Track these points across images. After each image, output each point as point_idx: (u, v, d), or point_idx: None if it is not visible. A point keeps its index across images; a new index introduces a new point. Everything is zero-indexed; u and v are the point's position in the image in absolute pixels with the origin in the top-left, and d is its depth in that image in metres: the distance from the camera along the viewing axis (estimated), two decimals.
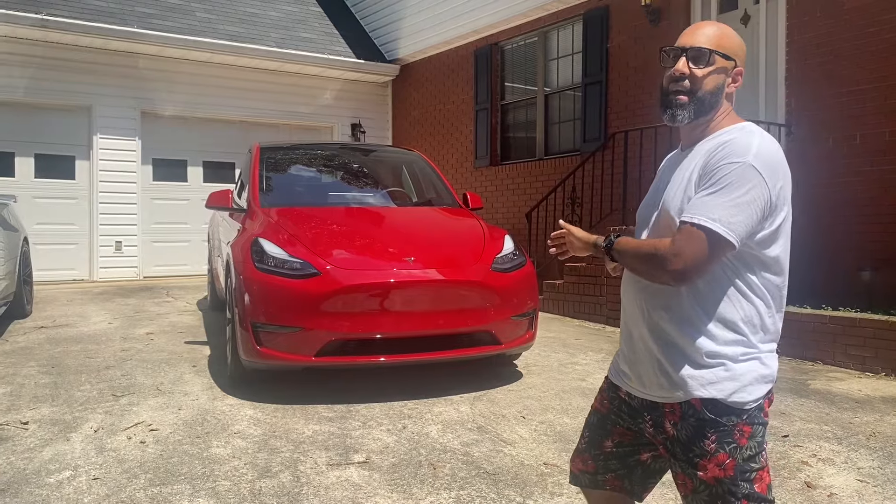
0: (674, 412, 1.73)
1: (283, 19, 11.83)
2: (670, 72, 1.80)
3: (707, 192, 1.64)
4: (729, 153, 1.65)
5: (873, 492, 3.21)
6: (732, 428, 1.67)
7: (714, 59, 1.75)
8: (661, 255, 1.64)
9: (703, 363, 1.69)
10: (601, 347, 6.12)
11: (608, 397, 1.96)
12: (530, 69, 9.92)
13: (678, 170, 1.79)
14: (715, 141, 1.73)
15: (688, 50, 1.77)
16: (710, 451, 1.67)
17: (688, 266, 1.61)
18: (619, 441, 1.91)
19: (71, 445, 3.61)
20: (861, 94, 6.20)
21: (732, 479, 1.66)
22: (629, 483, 1.93)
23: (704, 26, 1.81)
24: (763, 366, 1.71)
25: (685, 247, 1.61)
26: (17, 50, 9.48)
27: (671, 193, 1.76)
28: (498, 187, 10.18)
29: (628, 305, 1.88)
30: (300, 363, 4.43)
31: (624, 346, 1.91)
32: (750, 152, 1.64)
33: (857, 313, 5.54)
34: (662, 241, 1.67)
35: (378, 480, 3.24)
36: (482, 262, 4.79)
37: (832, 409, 4.38)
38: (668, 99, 1.80)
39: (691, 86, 1.76)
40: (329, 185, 6.44)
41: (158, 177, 10.75)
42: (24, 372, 4.99)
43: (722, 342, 1.69)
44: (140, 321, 6.94)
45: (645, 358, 1.79)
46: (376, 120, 12.43)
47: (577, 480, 2.04)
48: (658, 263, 1.65)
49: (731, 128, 1.75)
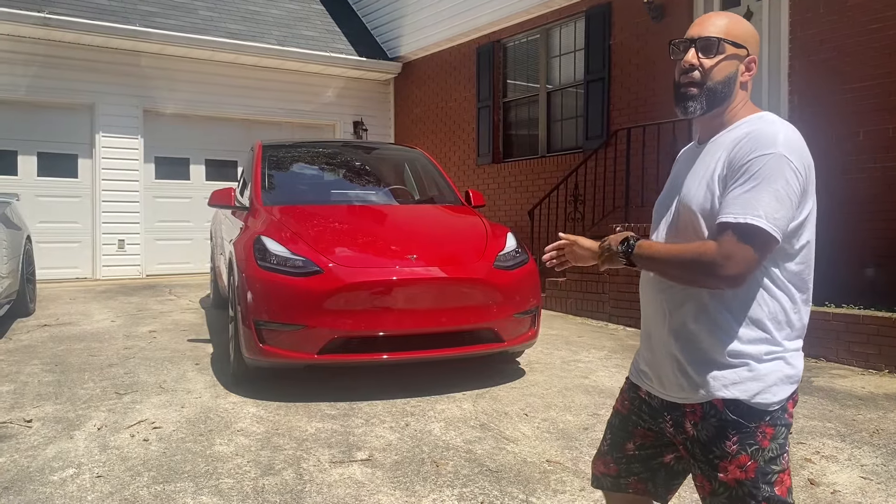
0: (694, 412, 1.70)
1: (284, 17, 11.82)
2: (680, 64, 1.76)
3: (744, 188, 1.57)
4: (756, 145, 1.60)
5: (876, 489, 3.20)
6: (755, 429, 1.63)
7: (724, 48, 1.71)
8: (708, 261, 1.56)
9: (726, 363, 1.65)
10: (604, 345, 6.12)
11: (629, 398, 1.92)
12: (533, 66, 9.90)
13: (697, 163, 1.75)
14: (735, 132, 1.69)
15: (696, 41, 1.73)
16: (732, 453, 1.63)
17: (741, 269, 1.55)
18: (640, 443, 1.87)
19: (74, 443, 3.62)
20: (864, 91, 6.18)
21: (753, 481, 1.62)
22: (653, 486, 1.89)
23: (713, 16, 1.77)
24: (788, 365, 1.67)
25: (736, 249, 1.54)
26: (20, 48, 9.49)
27: (691, 188, 1.71)
28: (500, 185, 10.17)
29: (648, 306, 1.83)
30: (303, 361, 4.43)
31: (643, 347, 1.87)
32: (778, 142, 1.59)
33: (861, 310, 5.52)
34: (705, 244, 1.59)
35: (381, 478, 3.24)
36: (485, 260, 4.78)
37: (835, 407, 4.37)
38: (680, 92, 1.76)
39: (701, 77, 1.72)
40: (331, 183, 6.44)
41: (161, 175, 10.76)
42: (27, 370, 5.00)
43: (746, 341, 1.65)
44: (143, 319, 6.95)
45: (665, 359, 1.76)
46: (378, 117, 12.42)
47: (600, 483, 1.99)
48: (706, 270, 1.57)
49: (749, 118, 1.71)
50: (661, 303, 1.76)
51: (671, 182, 1.88)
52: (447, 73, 11.17)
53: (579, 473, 3.32)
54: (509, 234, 5.20)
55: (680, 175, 1.81)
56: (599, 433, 3.85)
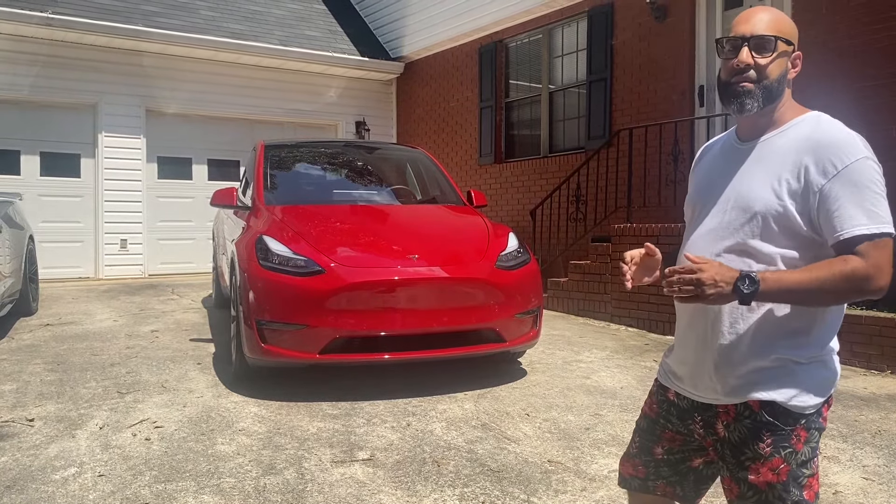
0: (727, 412, 1.68)
1: (287, 17, 11.83)
2: (732, 63, 1.69)
3: (856, 198, 1.56)
4: (844, 151, 1.59)
5: (878, 489, 3.20)
6: (790, 432, 1.61)
7: (778, 46, 1.67)
8: (861, 276, 1.54)
9: (765, 365, 1.64)
10: (605, 345, 6.11)
11: (657, 401, 1.90)
12: (535, 66, 9.90)
13: (755, 163, 1.70)
14: (799, 132, 1.67)
15: (750, 39, 1.67)
16: (765, 455, 1.61)
17: (889, 278, 1.56)
18: (668, 447, 1.85)
19: (76, 442, 3.62)
20: (868, 92, 6.17)
21: (785, 484, 1.60)
22: (681, 489, 1.88)
23: (759, 12, 1.71)
24: (826, 368, 1.65)
25: (883, 260, 1.55)
26: (23, 48, 9.50)
27: (755, 187, 1.66)
28: (502, 185, 10.17)
29: (688, 310, 1.77)
30: (304, 360, 4.44)
31: (678, 347, 1.84)
32: (858, 144, 1.61)
33: (862, 311, 5.51)
34: (847, 261, 1.55)
35: (382, 477, 3.25)
36: (486, 260, 4.79)
37: (837, 407, 4.36)
38: (733, 89, 1.69)
39: (757, 76, 1.66)
40: (333, 183, 6.44)
41: (163, 175, 10.77)
42: (29, 369, 5.01)
43: (786, 343, 1.63)
44: (145, 319, 6.96)
45: (702, 362, 1.72)
46: (381, 117, 12.43)
47: (627, 484, 1.97)
48: (860, 286, 1.55)
49: (804, 118, 1.70)
50: (707, 309, 1.70)
51: (708, 181, 1.81)
52: (449, 73, 11.17)
53: (581, 473, 3.32)
54: (511, 234, 5.20)
55: (725, 173, 1.76)
56: (601, 433, 3.86)
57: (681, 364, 1.82)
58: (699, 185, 1.86)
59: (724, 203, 1.72)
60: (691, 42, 7.64)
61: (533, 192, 9.53)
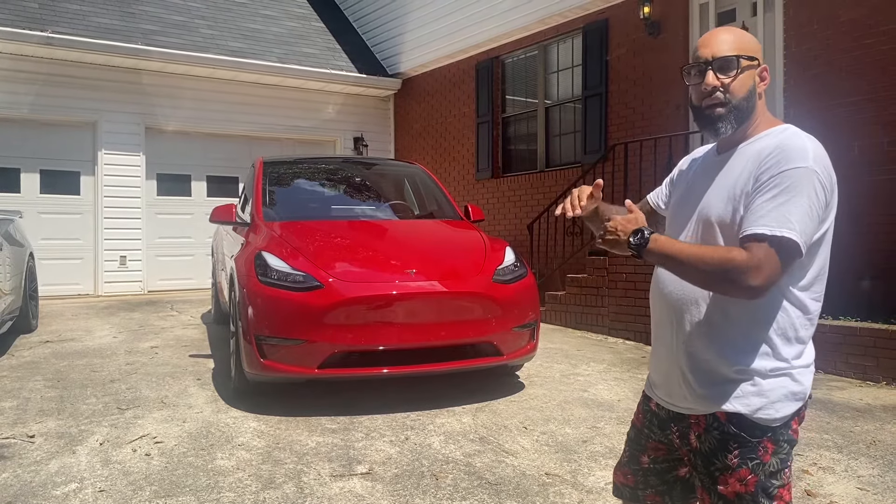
0: (699, 423, 1.71)
1: (285, 35, 11.93)
2: (700, 87, 1.73)
3: (777, 201, 1.56)
4: (787, 157, 1.59)
5: (873, 500, 3.22)
6: (757, 444, 1.63)
7: (740, 64, 1.70)
8: (736, 267, 1.53)
9: (730, 377, 1.65)
10: (603, 358, 6.14)
11: (642, 410, 1.93)
12: (531, 82, 9.99)
13: (720, 175, 1.73)
14: (760, 144, 1.69)
15: (713, 61, 1.71)
16: (733, 466, 1.63)
17: (766, 281, 1.53)
18: (654, 457, 1.88)
19: (77, 458, 3.64)
20: (858, 105, 6.24)
21: (753, 495, 1.62)
22: (669, 499, 1.90)
23: (718, 33, 1.75)
24: (794, 382, 1.65)
25: (767, 260, 1.53)
26: (23, 67, 9.58)
27: (713, 199, 1.71)
28: (499, 199, 10.23)
29: (657, 316, 1.83)
30: (303, 375, 4.46)
31: (653, 357, 1.88)
32: (808, 156, 1.59)
33: (858, 322, 5.55)
34: (734, 250, 1.56)
35: (381, 491, 3.27)
36: (483, 274, 4.82)
37: (833, 418, 4.39)
38: (705, 115, 1.73)
39: (725, 97, 1.70)
40: (331, 199, 6.49)
41: (163, 191, 10.82)
42: (30, 386, 5.03)
43: (751, 355, 1.64)
44: (145, 335, 6.98)
45: (673, 370, 1.76)
46: (379, 133, 12.50)
47: (620, 493, 2.01)
48: (732, 276, 1.54)
49: (772, 130, 1.72)
50: (670, 313, 1.76)
51: (687, 191, 1.85)
52: (447, 89, 11.26)
53: (578, 486, 3.35)
54: (508, 249, 5.24)
55: (699, 185, 1.80)
56: (598, 446, 3.88)
57: (656, 372, 1.87)
58: (680, 195, 1.91)
59: (694, 215, 1.77)
60: (685, 57, 7.72)
61: (530, 206, 9.58)
